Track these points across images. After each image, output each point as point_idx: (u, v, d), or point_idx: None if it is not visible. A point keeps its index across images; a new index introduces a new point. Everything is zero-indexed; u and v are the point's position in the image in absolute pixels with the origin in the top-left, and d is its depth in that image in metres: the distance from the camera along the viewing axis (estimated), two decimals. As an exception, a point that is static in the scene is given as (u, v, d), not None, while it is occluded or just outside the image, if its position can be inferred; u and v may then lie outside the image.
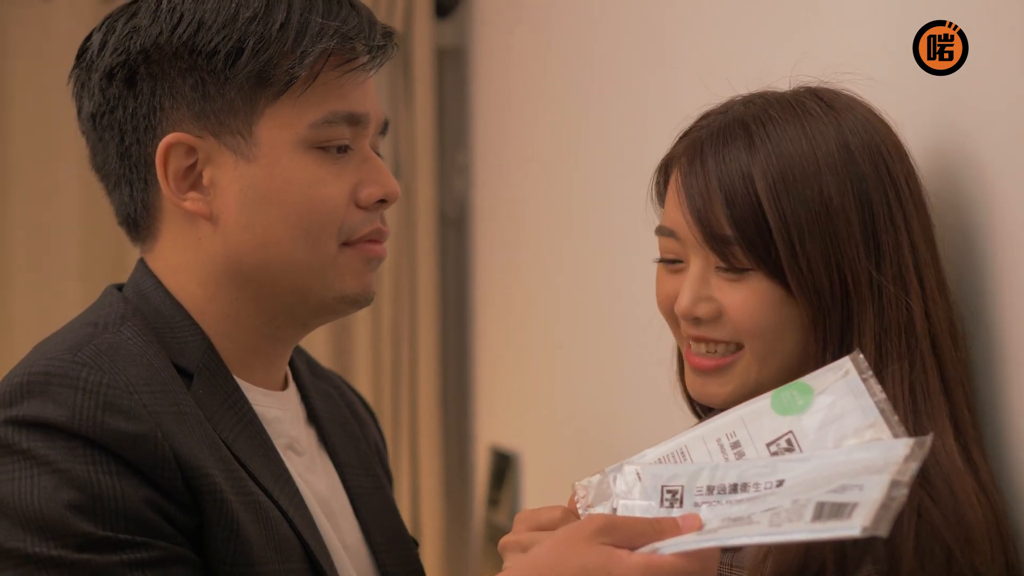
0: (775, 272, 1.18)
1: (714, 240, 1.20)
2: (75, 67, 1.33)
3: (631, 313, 2.37)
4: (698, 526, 1.02)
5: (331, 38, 1.26)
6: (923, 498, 1.11)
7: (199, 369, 1.27)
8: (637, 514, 1.06)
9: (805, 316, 1.18)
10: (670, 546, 1.00)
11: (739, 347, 1.22)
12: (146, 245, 1.34)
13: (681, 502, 1.05)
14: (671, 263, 1.27)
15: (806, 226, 1.17)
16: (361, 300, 1.33)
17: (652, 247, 2.22)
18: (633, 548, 1.02)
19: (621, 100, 2.38)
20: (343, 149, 1.29)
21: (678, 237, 1.24)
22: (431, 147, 3.22)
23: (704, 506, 1.04)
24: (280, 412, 1.35)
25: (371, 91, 1.33)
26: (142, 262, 1.34)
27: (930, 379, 1.17)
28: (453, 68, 3.31)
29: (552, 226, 2.78)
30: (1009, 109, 1.18)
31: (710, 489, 1.04)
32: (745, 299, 1.20)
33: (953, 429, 1.16)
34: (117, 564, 1.14)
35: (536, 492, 2.91)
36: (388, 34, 1.33)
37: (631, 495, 1.08)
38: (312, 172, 1.27)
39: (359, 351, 3.21)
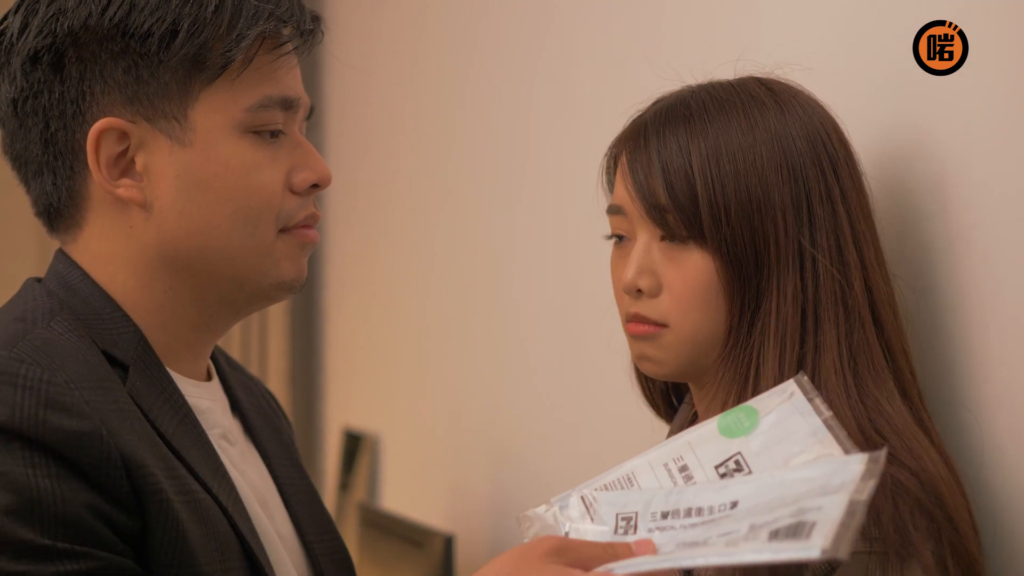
0: (705, 241, 1.24)
1: (653, 210, 1.26)
2: None
3: (499, 296, 2.38)
4: (652, 551, 1.02)
5: (266, 21, 1.25)
6: (896, 471, 1.15)
7: (134, 361, 1.24)
8: (590, 539, 1.06)
9: (725, 284, 1.24)
10: (624, 567, 1.00)
11: (664, 325, 1.28)
12: (68, 235, 1.30)
13: (636, 528, 1.05)
14: (620, 241, 1.32)
15: (732, 195, 1.22)
16: (296, 285, 1.32)
17: (526, 228, 2.24)
18: (587, 570, 1.00)
19: (493, 79, 2.37)
20: (276, 134, 1.28)
21: (625, 213, 1.29)
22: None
23: (658, 532, 1.04)
24: (210, 403, 1.33)
25: (299, 76, 1.32)
26: (62, 253, 1.30)
27: (873, 348, 1.22)
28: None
29: (417, 208, 2.76)
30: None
31: (664, 515, 1.05)
32: (685, 275, 1.25)
33: (900, 395, 1.22)
34: (55, 575, 1.10)
35: (396, 475, 2.89)
36: (316, 18, 1.32)
37: (583, 520, 1.08)
38: (249, 157, 1.26)
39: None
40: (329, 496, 3.08)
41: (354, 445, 3.02)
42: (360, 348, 3.11)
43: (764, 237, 1.22)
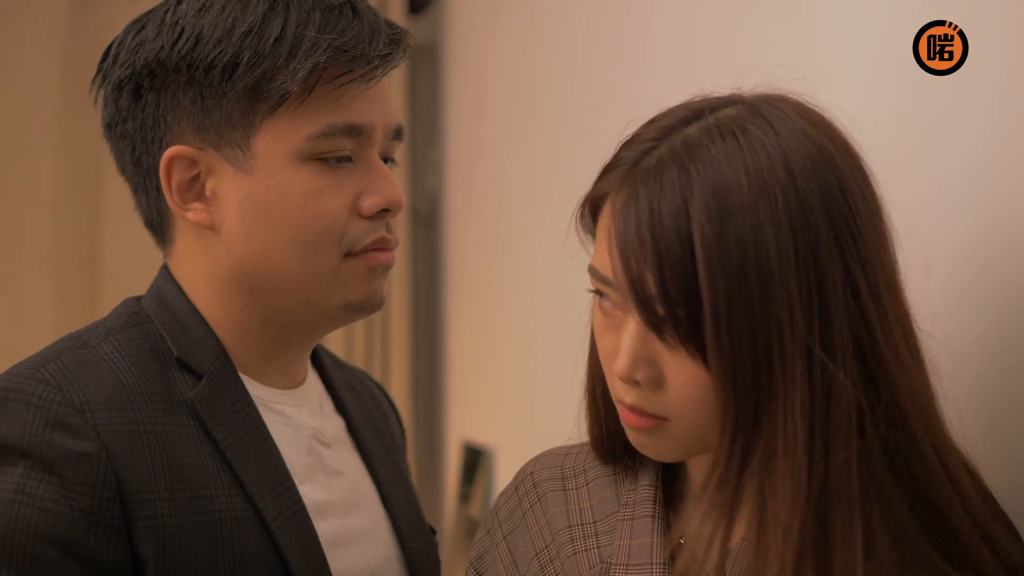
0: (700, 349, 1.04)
1: (648, 312, 1.06)
2: (96, 75, 1.37)
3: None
4: None
5: (324, 52, 1.27)
6: None
7: (210, 372, 1.30)
8: None
9: (717, 400, 1.04)
10: None
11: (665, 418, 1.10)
12: (167, 250, 1.38)
13: None
14: (604, 300, 1.13)
15: (735, 295, 1.01)
16: (368, 307, 1.34)
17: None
18: None
19: (600, 96, 2.39)
20: (344, 159, 1.30)
21: (614, 287, 1.10)
22: (403, 143, 3.20)
23: None
24: (296, 408, 1.38)
25: (378, 98, 1.33)
26: (165, 268, 1.38)
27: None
28: (426, 64, 3.31)
29: (528, 222, 2.79)
30: (1009, 109, 1.18)
31: None
32: (691, 373, 1.05)
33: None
34: None
35: (510, 487, 2.92)
36: (396, 40, 1.33)
37: None
38: (309, 184, 1.29)
39: (331, 347, 3.21)
40: (449, 508, 3.12)
41: (474, 459, 3.05)
42: (480, 364, 3.14)
43: (766, 343, 1.01)
